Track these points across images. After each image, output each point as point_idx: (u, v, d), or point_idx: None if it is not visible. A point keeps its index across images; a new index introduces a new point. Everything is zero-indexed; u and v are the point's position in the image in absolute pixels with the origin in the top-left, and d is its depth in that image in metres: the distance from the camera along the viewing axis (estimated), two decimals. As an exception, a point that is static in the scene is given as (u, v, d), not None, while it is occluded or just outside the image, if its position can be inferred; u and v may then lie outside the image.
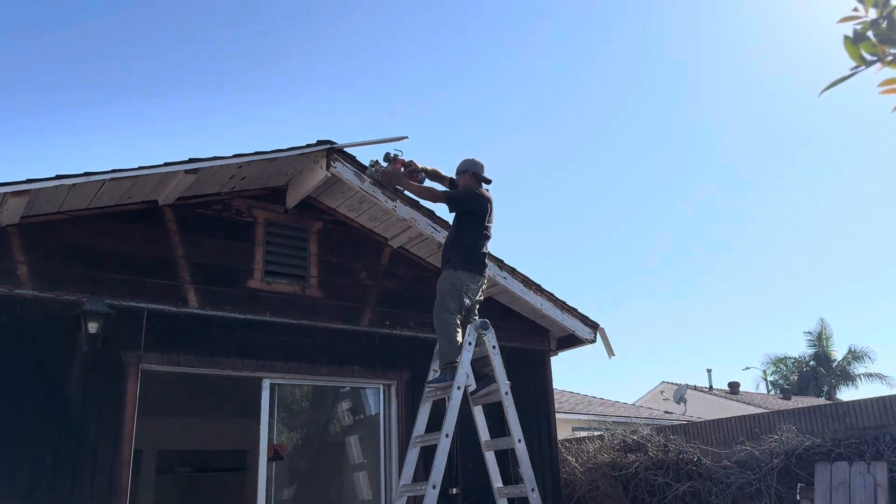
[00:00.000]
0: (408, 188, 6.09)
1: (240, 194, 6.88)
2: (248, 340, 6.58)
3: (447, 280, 5.79)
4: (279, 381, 6.83)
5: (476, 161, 5.96)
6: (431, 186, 6.05)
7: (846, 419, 6.95)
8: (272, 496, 6.57)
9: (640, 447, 8.37)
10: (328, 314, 7.08)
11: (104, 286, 6.00)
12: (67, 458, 5.53)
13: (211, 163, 6.00)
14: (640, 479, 8.17)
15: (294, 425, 8.89)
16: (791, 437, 7.05)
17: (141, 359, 6.03)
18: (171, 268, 6.38)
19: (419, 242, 7.59)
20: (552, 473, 8.10)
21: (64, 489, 5.45)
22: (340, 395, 8.32)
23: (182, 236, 6.50)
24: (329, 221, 7.37)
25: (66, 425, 5.60)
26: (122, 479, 5.69)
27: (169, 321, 6.24)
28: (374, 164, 6.00)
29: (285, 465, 7.50)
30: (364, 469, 7.70)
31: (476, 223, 5.82)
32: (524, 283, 7.92)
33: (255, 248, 6.87)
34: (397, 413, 7.26)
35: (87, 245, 6.06)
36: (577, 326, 8.25)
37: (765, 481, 7.06)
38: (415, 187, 6.01)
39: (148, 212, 6.40)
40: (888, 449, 6.40)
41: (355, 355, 7.16)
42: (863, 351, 33.93)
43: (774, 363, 36.53)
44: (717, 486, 7.47)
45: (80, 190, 5.68)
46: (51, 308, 5.78)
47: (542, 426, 8.16)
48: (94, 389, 5.78)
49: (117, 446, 5.75)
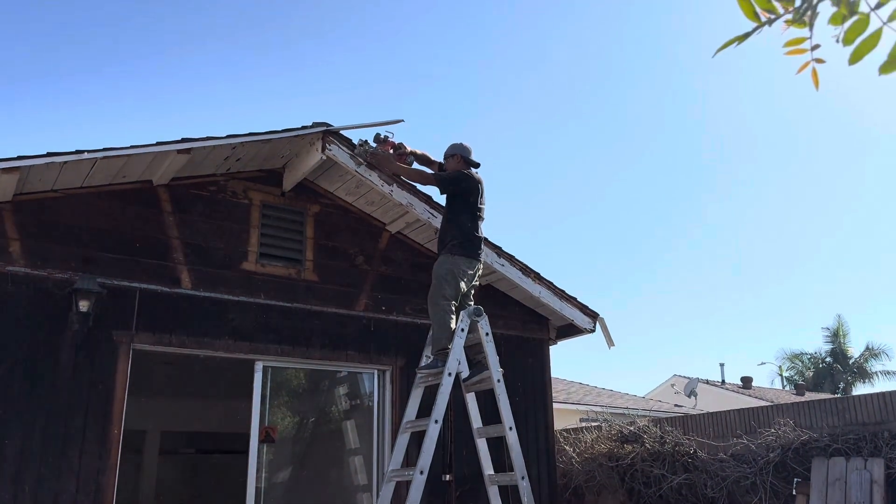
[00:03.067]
0: (396, 170, 6.04)
1: (235, 176, 6.86)
2: (241, 322, 6.57)
3: (444, 265, 5.74)
4: (272, 364, 6.83)
5: (464, 145, 5.91)
6: (421, 168, 6.00)
7: (845, 414, 6.83)
8: (263, 478, 6.58)
9: (636, 438, 8.29)
10: (323, 298, 7.06)
11: (97, 265, 6.01)
12: (56, 436, 5.55)
13: (204, 143, 5.98)
14: (636, 469, 8.10)
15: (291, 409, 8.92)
16: (788, 431, 6.95)
17: (132, 338, 6.04)
18: (164, 248, 6.38)
19: (417, 228, 7.54)
20: (548, 462, 8.05)
21: (52, 467, 5.48)
22: (338, 380, 8.32)
23: (176, 217, 6.50)
24: (326, 205, 7.34)
25: (56, 402, 5.62)
26: (110, 458, 5.71)
27: (162, 301, 6.24)
28: (363, 144, 5.95)
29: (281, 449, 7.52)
30: (359, 454, 7.70)
31: (468, 205, 5.77)
32: (523, 270, 7.85)
33: (251, 230, 6.85)
34: (392, 398, 7.24)
35: (80, 223, 6.06)
36: (577, 316, 8.18)
37: (760, 475, 6.96)
38: (404, 169, 5.96)
39: (142, 191, 6.40)
40: (886, 445, 6.28)
41: (350, 340, 7.13)
42: (880, 348, 33.60)
43: (790, 359, 36.20)
44: (712, 478, 7.38)
45: (72, 168, 5.68)
46: (42, 286, 5.79)
47: (538, 414, 8.11)
48: (85, 368, 5.79)
49: (107, 425, 5.77)
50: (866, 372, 33.79)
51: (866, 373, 33.77)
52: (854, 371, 33.93)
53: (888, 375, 33.22)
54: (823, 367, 34.88)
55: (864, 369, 33.88)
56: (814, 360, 35.59)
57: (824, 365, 34.90)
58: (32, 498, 5.36)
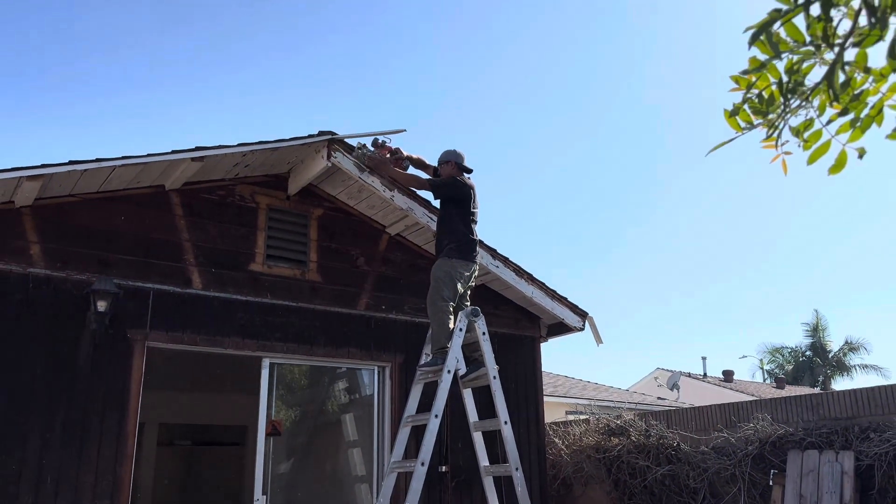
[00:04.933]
0: (393, 175, 6.36)
1: (243, 181, 7.15)
2: (249, 321, 6.87)
3: (442, 268, 6.07)
4: (278, 361, 7.14)
5: (457, 151, 6.26)
6: (416, 174, 6.34)
7: (819, 409, 7.25)
8: (269, 469, 6.91)
9: (623, 431, 8.69)
10: (326, 297, 7.38)
11: (113, 267, 6.30)
12: (76, 427, 5.85)
13: (216, 151, 6.27)
14: (622, 461, 8.50)
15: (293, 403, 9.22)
16: (766, 425, 7.36)
17: (147, 336, 6.33)
18: (176, 250, 6.67)
19: (415, 231, 7.86)
20: (538, 454, 8.42)
21: (72, 457, 5.78)
22: (338, 375, 8.63)
23: (187, 220, 6.78)
24: (329, 208, 7.64)
25: (75, 397, 5.91)
26: (127, 449, 6.02)
27: (174, 301, 6.53)
28: (362, 148, 6.27)
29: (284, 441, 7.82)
30: (359, 446, 8.01)
31: (462, 209, 6.10)
32: (516, 272, 8.20)
33: (258, 233, 7.15)
34: (391, 394, 7.57)
35: (97, 227, 6.34)
36: (567, 315, 8.54)
37: (739, 467, 7.38)
38: (400, 174, 6.30)
39: (155, 196, 6.68)
40: (856, 439, 6.70)
41: (352, 337, 7.46)
42: (859, 342, 34.32)
43: (771, 352, 36.90)
44: (694, 470, 7.79)
45: (91, 175, 5.96)
46: (62, 286, 6.07)
47: (530, 409, 8.47)
48: (102, 364, 6.09)
49: (123, 418, 6.07)
50: (845, 365, 34.49)
51: (845, 366, 34.47)
52: (833, 365, 34.64)
53: (867, 369, 33.96)
54: (803, 360, 35.58)
55: (842, 363, 34.58)
56: (794, 354, 36.28)
57: (804, 359, 35.60)
58: (54, 487, 5.66)
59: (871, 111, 1.56)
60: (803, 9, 1.42)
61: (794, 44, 1.51)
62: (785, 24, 1.47)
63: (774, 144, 1.72)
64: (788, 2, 1.43)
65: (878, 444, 6.49)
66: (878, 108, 1.54)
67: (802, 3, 1.41)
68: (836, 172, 1.67)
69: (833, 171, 1.68)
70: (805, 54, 1.52)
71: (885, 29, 1.42)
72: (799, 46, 1.51)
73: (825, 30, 1.45)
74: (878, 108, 1.54)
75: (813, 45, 1.49)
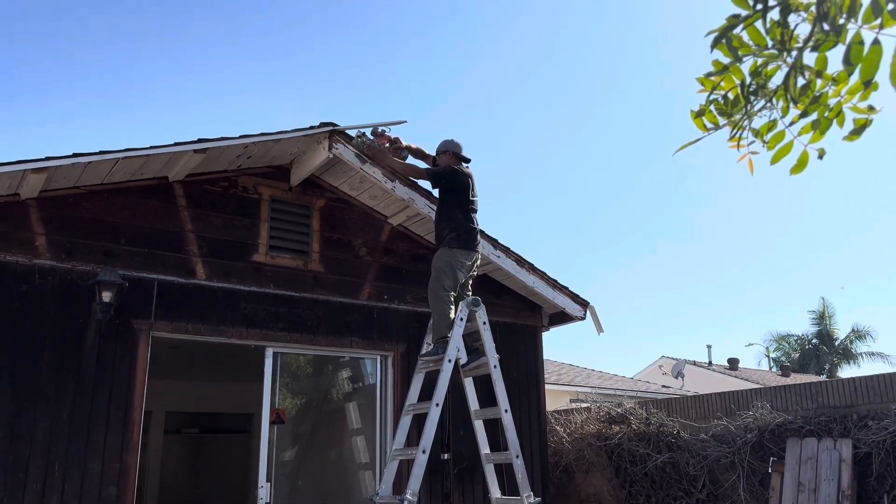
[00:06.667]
0: (391, 164, 6.42)
1: (246, 172, 7.21)
2: (252, 311, 6.95)
3: (443, 258, 6.13)
4: (282, 350, 7.22)
5: (455, 141, 6.31)
6: (414, 163, 6.39)
7: (818, 398, 7.30)
8: (274, 457, 7.01)
9: (623, 420, 8.76)
10: (329, 288, 7.45)
11: (117, 258, 6.38)
12: (83, 416, 5.95)
13: (218, 143, 6.32)
14: (623, 449, 8.57)
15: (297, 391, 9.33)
16: (765, 413, 7.42)
17: (152, 326, 6.42)
18: (180, 241, 6.74)
19: (417, 221, 7.91)
20: (540, 442, 8.49)
21: (79, 444, 5.88)
22: (340, 364, 8.72)
23: (191, 211, 6.85)
24: (331, 199, 7.70)
25: (82, 387, 6.00)
26: (133, 437, 6.12)
27: (178, 291, 6.61)
28: (361, 136, 6.32)
29: (288, 429, 7.93)
30: (362, 434, 8.11)
31: (460, 198, 6.15)
32: (517, 262, 8.25)
33: (261, 224, 7.21)
34: (393, 382, 7.65)
35: (101, 218, 6.41)
36: (568, 304, 8.59)
37: (739, 454, 7.44)
38: (398, 163, 6.35)
39: (159, 188, 6.75)
40: (855, 427, 6.76)
41: (354, 327, 7.53)
42: (865, 330, 34.27)
43: (777, 340, 36.88)
44: (694, 457, 7.86)
45: (94, 167, 6.02)
46: (67, 277, 6.16)
47: (531, 397, 8.54)
48: (108, 354, 6.18)
49: (129, 406, 6.16)
50: (851, 353, 34.47)
51: (851, 354, 34.45)
52: (839, 352, 34.61)
53: (873, 356, 33.93)
54: (809, 348, 35.56)
55: (849, 351, 34.55)
56: (800, 342, 36.25)
57: (810, 346, 35.58)
58: (62, 475, 5.76)
59: (830, 113, 1.61)
60: (761, 14, 1.46)
61: (756, 47, 1.56)
62: (747, 27, 1.52)
63: (736, 145, 1.77)
64: (748, 7, 1.48)
65: (875, 432, 6.54)
66: (837, 111, 1.59)
67: (760, 9, 1.45)
68: (797, 172, 1.72)
69: (795, 172, 1.73)
70: (769, 57, 1.57)
71: (839, 35, 1.46)
72: (761, 50, 1.55)
73: (782, 35, 1.49)
74: (837, 111, 1.59)
75: (775, 49, 1.53)
